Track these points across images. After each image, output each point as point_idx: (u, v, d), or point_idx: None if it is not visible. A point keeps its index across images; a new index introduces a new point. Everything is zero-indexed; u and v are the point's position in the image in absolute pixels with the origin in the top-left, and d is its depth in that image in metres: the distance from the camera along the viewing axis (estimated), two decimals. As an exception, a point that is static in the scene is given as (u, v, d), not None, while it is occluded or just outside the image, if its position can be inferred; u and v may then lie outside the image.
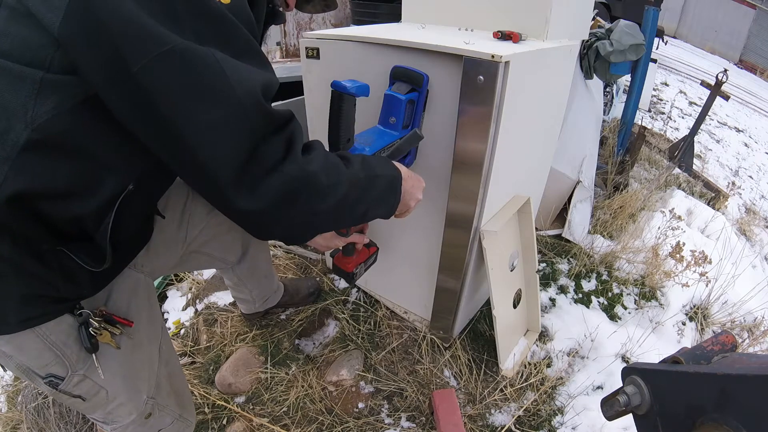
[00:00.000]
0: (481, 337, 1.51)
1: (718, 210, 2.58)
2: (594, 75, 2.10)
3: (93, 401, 0.76)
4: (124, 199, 0.64)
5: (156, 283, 1.77)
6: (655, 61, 3.74)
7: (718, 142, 4.47)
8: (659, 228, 1.96)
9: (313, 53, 1.20)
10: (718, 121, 5.15)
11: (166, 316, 1.73)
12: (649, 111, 4.44)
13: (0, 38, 0.52)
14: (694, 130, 2.70)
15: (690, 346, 0.53)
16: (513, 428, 1.25)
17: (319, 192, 0.63)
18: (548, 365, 1.45)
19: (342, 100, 0.80)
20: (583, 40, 1.87)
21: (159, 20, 0.49)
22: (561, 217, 2.06)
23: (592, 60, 2.01)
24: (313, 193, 0.62)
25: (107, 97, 0.53)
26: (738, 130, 5.13)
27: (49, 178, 0.56)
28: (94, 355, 0.71)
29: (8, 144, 0.53)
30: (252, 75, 0.56)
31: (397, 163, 0.83)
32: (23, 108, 0.52)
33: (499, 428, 1.26)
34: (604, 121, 2.90)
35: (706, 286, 1.75)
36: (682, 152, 2.71)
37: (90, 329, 0.70)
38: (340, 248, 1.01)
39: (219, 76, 0.52)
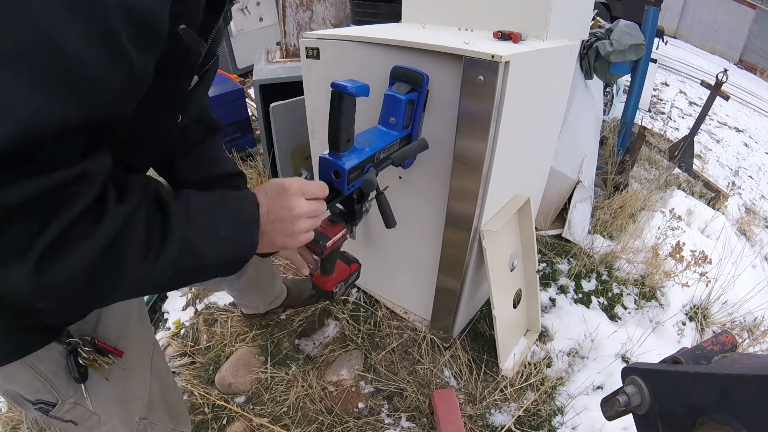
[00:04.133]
0: (481, 337, 1.51)
1: (718, 210, 2.58)
2: (594, 75, 2.10)
3: (85, 425, 0.74)
4: None
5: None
6: (655, 61, 3.74)
7: (718, 142, 4.47)
8: (659, 228, 1.96)
9: (313, 53, 1.20)
10: (718, 121, 5.14)
11: (166, 316, 1.73)
12: (649, 111, 4.43)
13: None
14: (694, 130, 2.70)
15: (690, 346, 0.53)
16: (513, 428, 1.25)
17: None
18: (548, 365, 1.45)
19: (342, 100, 0.80)
20: (583, 40, 1.87)
21: None
22: (561, 217, 2.06)
23: (592, 60, 2.01)
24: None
25: None
26: (738, 130, 5.13)
27: None
28: (83, 384, 0.69)
29: None
30: None
31: (255, 201, 0.62)
32: None
33: (499, 428, 1.26)
34: (604, 121, 2.90)
35: (706, 286, 1.75)
36: (682, 152, 2.71)
37: (79, 359, 0.66)
38: (318, 266, 0.98)
39: None
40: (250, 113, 2.73)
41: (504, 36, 1.09)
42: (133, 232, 0.48)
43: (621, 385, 0.53)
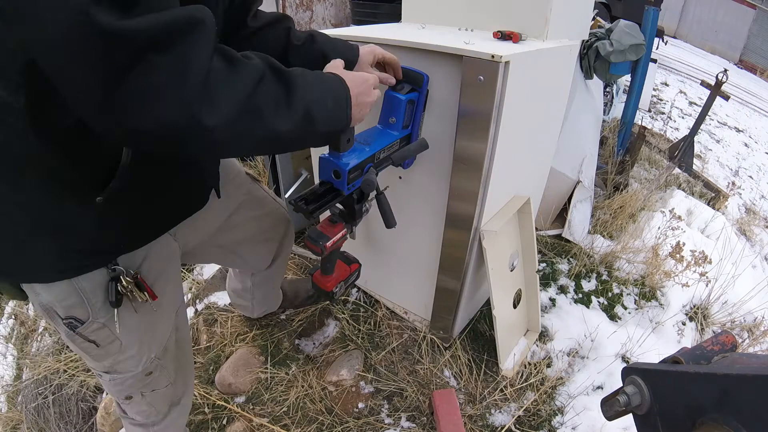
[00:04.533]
0: (481, 337, 1.51)
1: (718, 210, 2.58)
2: (594, 75, 2.10)
3: (106, 349, 0.77)
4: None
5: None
6: (655, 61, 3.74)
7: (718, 142, 4.47)
8: (659, 228, 1.96)
9: (313, 53, 1.20)
10: (718, 121, 5.14)
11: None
12: (649, 111, 4.43)
13: None
14: (694, 130, 2.70)
15: (690, 346, 0.53)
16: (513, 428, 1.25)
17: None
18: (548, 365, 1.45)
19: None
20: (583, 40, 1.86)
21: None
22: (561, 217, 2.06)
23: (592, 60, 2.01)
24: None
25: None
26: (738, 130, 5.13)
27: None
28: (116, 310, 0.73)
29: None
30: None
31: (334, 68, 0.76)
32: None
33: (499, 428, 1.26)
34: (604, 121, 2.90)
35: (706, 286, 1.75)
36: (682, 152, 2.71)
37: (119, 286, 0.71)
38: (319, 267, 0.99)
39: None
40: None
41: (504, 36, 1.09)
42: (264, 86, 0.54)
43: (621, 385, 0.53)
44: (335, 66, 0.77)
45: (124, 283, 0.71)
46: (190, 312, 1.70)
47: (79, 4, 0.39)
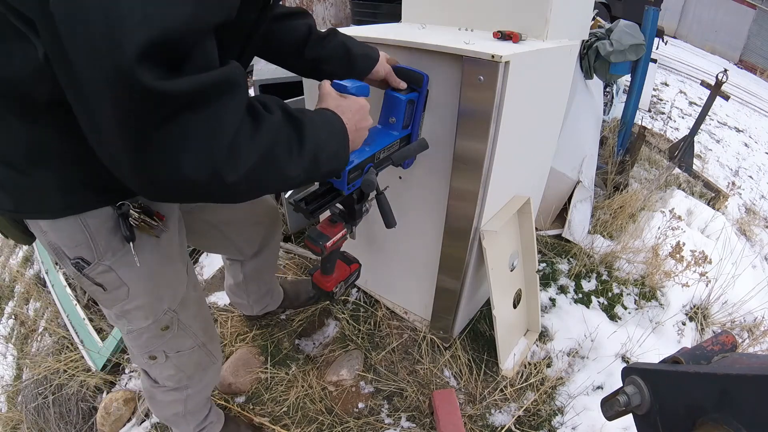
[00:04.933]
0: (481, 337, 1.51)
1: (718, 210, 2.58)
2: (594, 75, 2.10)
3: (113, 294, 0.77)
4: None
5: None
6: (655, 61, 3.74)
7: (718, 142, 4.47)
8: (659, 228, 1.96)
9: (313, 53, 1.20)
10: (718, 121, 5.14)
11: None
12: (649, 111, 4.43)
13: None
14: (694, 130, 2.70)
15: (690, 346, 0.53)
16: (513, 428, 1.25)
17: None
18: (548, 365, 1.45)
19: None
20: (583, 40, 1.86)
21: None
22: (561, 217, 2.06)
23: (592, 60, 2.01)
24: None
25: None
26: (738, 130, 5.13)
27: None
28: (131, 243, 0.73)
29: None
30: (129, 7, 0.39)
31: (328, 95, 0.76)
32: None
33: (499, 428, 1.26)
34: (604, 121, 2.90)
35: (706, 286, 1.75)
36: (682, 152, 2.71)
37: (129, 219, 0.72)
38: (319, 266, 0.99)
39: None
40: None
41: (504, 36, 1.09)
42: (281, 137, 0.57)
43: (621, 385, 0.53)
44: (328, 93, 0.76)
45: (134, 214, 0.72)
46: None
47: (125, 60, 0.39)
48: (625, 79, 2.99)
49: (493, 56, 0.88)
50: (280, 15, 0.88)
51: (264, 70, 1.91)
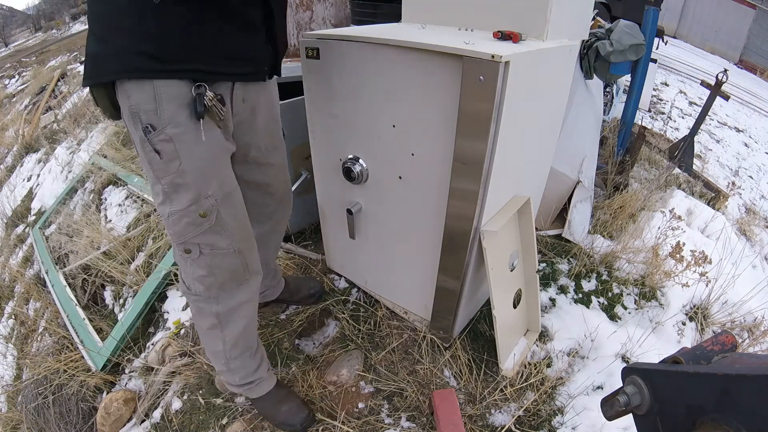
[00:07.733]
0: (481, 337, 1.51)
1: (718, 210, 2.58)
2: (594, 75, 2.10)
3: (166, 165, 0.84)
4: None
5: (156, 283, 1.77)
6: (655, 61, 3.74)
7: (718, 142, 4.46)
8: (659, 228, 1.96)
9: (313, 53, 1.20)
10: (718, 121, 5.14)
11: (166, 316, 1.73)
12: (649, 111, 4.43)
13: None
14: (694, 130, 2.70)
15: (690, 346, 0.52)
16: (513, 428, 1.25)
17: None
18: (548, 365, 1.45)
19: None
20: (583, 40, 1.86)
21: None
22: (561, 217, 2.06)
23: (592, 60, 2.01)
24: None
25: None
26: (738, 130, 5.13)
27: None
28: (201, 120, 0.82)
29: None
30: None
31: None
32: None
33: (499, 428, 1.26)
34: (604, 121, 2.90)
35: (706, 286, 1.75)
36: (682, 152, 2.71)
37: (205, 98, 0.81)
38: None
39: None
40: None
41: (504, 36, 1.09)
42: None
43: (621, 385, 0.53)
44: None
45: (210, 95, 0.81)
46: (190, 312, 1.70)
47: None
48: (625, 79, 2.99)
49: (493, 56, 0.88)
50: None
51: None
